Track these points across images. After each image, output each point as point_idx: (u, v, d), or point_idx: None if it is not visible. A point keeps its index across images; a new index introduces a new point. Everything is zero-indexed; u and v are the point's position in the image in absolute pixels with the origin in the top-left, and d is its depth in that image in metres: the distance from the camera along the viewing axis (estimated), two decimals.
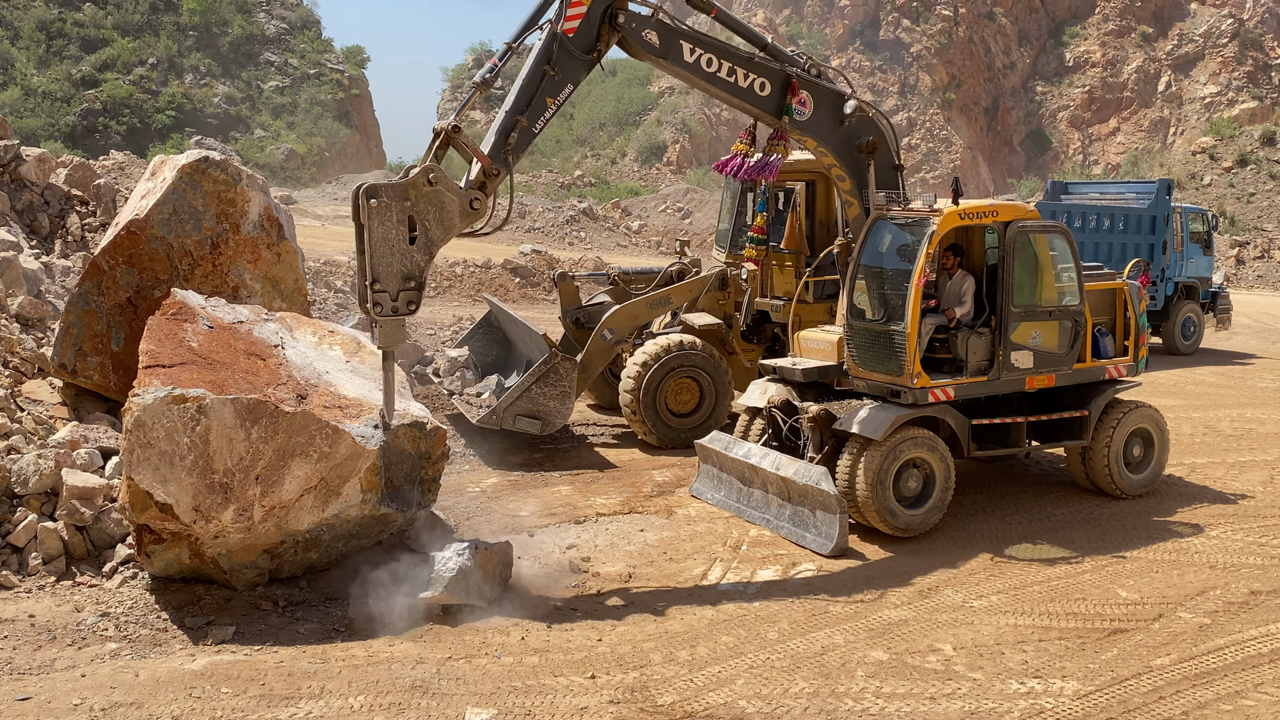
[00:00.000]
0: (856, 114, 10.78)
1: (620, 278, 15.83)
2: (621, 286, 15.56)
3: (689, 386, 14.00)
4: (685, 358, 13.86)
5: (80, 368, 10.82)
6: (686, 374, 13.91)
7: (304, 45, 65.09)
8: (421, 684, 7.36)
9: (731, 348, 14.61)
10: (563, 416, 13.30)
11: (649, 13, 9.89)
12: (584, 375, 14.08)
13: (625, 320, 14.20)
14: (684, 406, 14.02)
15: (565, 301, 15.65)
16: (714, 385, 14.03)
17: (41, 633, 7.90)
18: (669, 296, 14.46)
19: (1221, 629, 8.64)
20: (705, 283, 14.74)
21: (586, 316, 15.34)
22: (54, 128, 51.32)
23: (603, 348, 14.11)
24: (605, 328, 14.04)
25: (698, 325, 14.33)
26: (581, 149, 62.87)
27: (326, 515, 8.72)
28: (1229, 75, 64.78)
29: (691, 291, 14.68)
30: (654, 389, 13.75)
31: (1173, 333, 23.07)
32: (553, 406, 13.10)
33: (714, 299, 14.83)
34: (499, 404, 13.05)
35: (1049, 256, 11.11)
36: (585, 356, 14.07)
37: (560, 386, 13.10)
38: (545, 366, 13.00)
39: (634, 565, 9.86)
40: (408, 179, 8.76)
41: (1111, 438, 11.68)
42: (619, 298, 15.28)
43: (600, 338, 14.03)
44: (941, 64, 68.34)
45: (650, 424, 13.82)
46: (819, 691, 7.47)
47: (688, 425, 13.94)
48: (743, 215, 15.54)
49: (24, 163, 15.81)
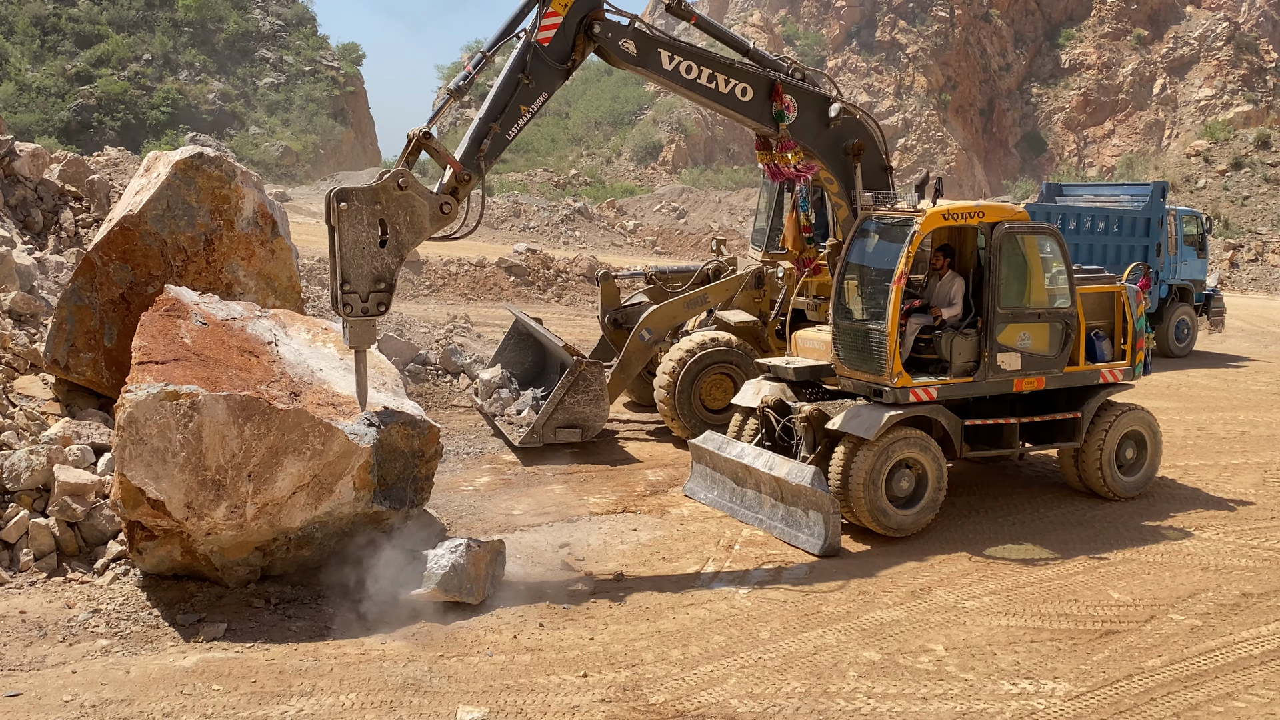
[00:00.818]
0: (842, 116, 10.80)
1: (657, 277, 15.98)
2: (658, 285, 15.72)
3: (723, 383, 14.08)
4: (720, 354, 13.97)
5: (73, 364, 10.80)
6: (721, 370, 14.02)
7: (299, 42, 65.00)
8: (413, 682, 7.36)
9: (766, 345, 14.69)
10: (601, 420, 13.46)
11: (626, 22, 9.91)
12: (623, 375, 14.31)
13: (662, 320, 14.37)
14: (718, 403, 14.08)
15: (606, 302, 15.83)
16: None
17: (32, 629, 7.88)
18: (705, 296, 14.61)
19: (1213, 631, 8.66)
20: (741, 281, 14.87)
21: (624, 317, 15.51)
22: (48, 123, 51.17)
23: (641, 348, 14.28)
24: (643, 328, 14.20)
25: (733, 322, 14.46)
26: (577, 148, 62.81)
27: (319, 513, 8.71)
28: (1224, 78, 64.89)
29: (727, 290, 14.81)
30: (689, 385, 13.86)
31: (1166, 335, 23.10)
32: (588, 412, 13.26)
33: (750, 297, 14.96)
34: (536, 422, 13.19)
35: (1038, 258, 11.11)
36: (624, 357, 14.28)
37: (592, 392, 13.24)
38: (572, 376, 13.11)
39: (627, 564, 9.86)
40: (378, 183, 8.85)
41: (1104, 440, 11.70)
42: (656, 297, 15.44)
43: (638, 338, 14.21)
44: (937, 65, 68.39)
45: (685, 419, 13.89)
46: (811, 691, 7.47)
47: (722, 421, 13.90)
48: (780, 215, 15.60)
49: (18, 158, 15.76)
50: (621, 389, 14.57)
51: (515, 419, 14.17)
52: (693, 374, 13.85)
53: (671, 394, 13.84)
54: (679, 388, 13.82)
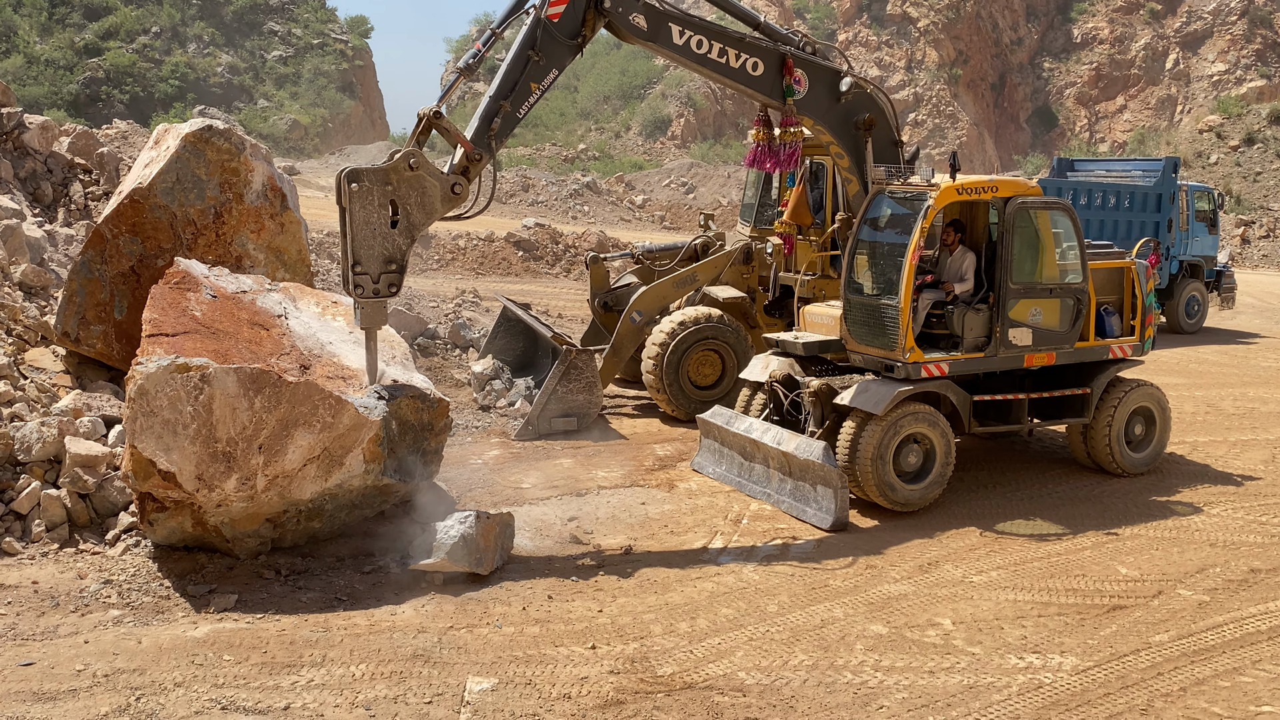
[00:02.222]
0: (853, 91, 10.74)
1: (644, 255, 15.87)
2: (646, 265, 15.62)
3: (711, 359, 14.06)
4: (708, 330, 13.92)
5: (83, 336, 10.83)
6: (709, 347, 13.97)
7: (307, 15, 64.82)
8: (423, 653, 7.40)
9: (754, 321, 14.65)
10: (595, 407, 13.41)
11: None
12: (615, 359, 14.27)
13: (653, 301, 14.32)
14: (706, 379, 14.07)
15: (596, 285, 15.67)
16: (736, 358, 14.04)
17: (45, 599, 7.94)
18: (695, 275, 14.55)
19: (1221, 606, 8.66)
20: (730, 257, 14.79)
21: (614, 300, 15.41)
22: (57, 96, 51.17)
23: (632, 330, 14.23)
24: (634, 310, 14.17)
25: (721, 298, 14.40)
26: (586, 122, 62.62)
27: (329, 485, 8.74)
28: (1237, 53, 64.39)
29: (716, 267, 14.74)
30: (677, 361, 13.81)
31: (1177, 311, 23.05)
32: (582, 400, 13.19)
33: (738, 273, 14.89)
34: (531, 414, 13.11)
35: (1050, 233, 11.07)
36: (615, 340, 14.23)
37: (584, 379, 13.17)
38: (563, 366, 13.05)
39: (635, 538, 9.90)
40: (389, 163, 8.82)
41: (1113, 416, 11.68)
42: (645, 277, 15.37)
43: (629, 320, 14.16)
44: (949, 39, 67.95)
45: (673, 396, 13.88)
46: (818, 664, 7.50)
47: (710, 397, 13.94)
48: (768, 190, 15.56)
49: (27, 130, 15.77)
50: (614, 373, 14.51)
51: (510, 412, 14.08)
52: (680, 350, 13.78)
53: (659, 370, 13.79)
54: (667, 364, 13.76)
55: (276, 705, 6.66)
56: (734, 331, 14.05)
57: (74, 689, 6.72)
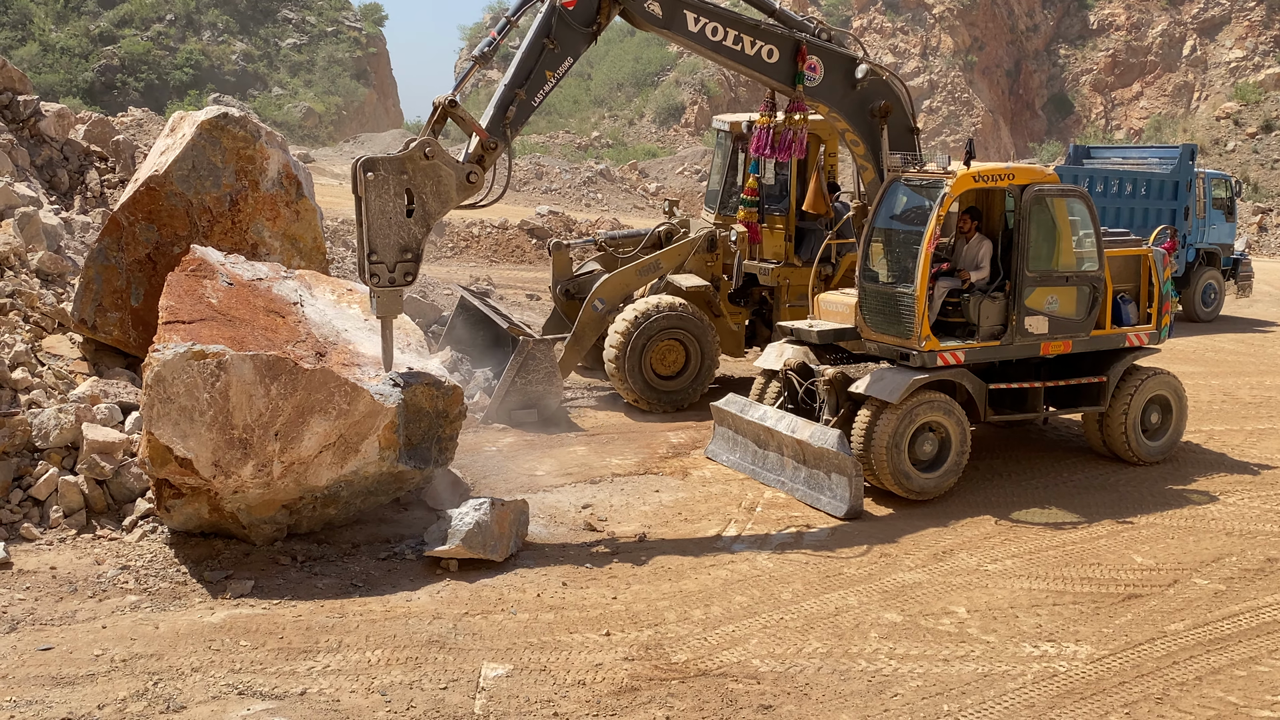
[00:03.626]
0: (869, 78, 10.70)
1: (607, 243, 15.51)
2: (609, 252, 15.27)
3: (675, 348, 13.76)
4: (671, 319, 13.61)
5: (100, 323, 10.87)
6: (672, 336, 13.66)
7: (321, 2, 64.78)
8: (438, 639, 7.43)
9: (718, 310, 14.38)
10: (556, 398, 13.17)
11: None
12: (577, 348, 13.93)
13: (615, 289, 14.00)
14: (669, 369, 13.80)
15: (558, 273, 15.31)
16: (700, 348, 13.80)
17: (63, 585, 7.99)
18: (658, 262, 14.22)
19: (1237, 595, 8.64)
20: (693, 245, 14.47)
21: (577, 287, 15.05)
22: (72, 83, 51.27)
23: (594, 318, 13.89)
24: (595, 298, 13.84)
25: (685, 287, 14.07)
26: (599, 110, 62.47)
27: (345, 472, 8.77)
28: (1255, 40, 63.84)
29: (680, 255, 14.40)
30: (639, 351, 13.51)
31: (1193, 299, 22.91)
32: (541, 390, 12.90)
33: (702, 260, 14.60)
34: (490, 407, 12.87)
35: (1067, 221, 11.02)
36: (577, 328, 13.90)
37: (542, 369, 12.88)
38: (520, 357, 12.75)
39: (649, 525, 9.91)
40: (405, 152, 8.81)
41: (1129, 404, 11.64)
42: (608, 264, 15.02)
43: (591, 308, 13.84)
44: (964, 26, 67.54)
45: (635, 386, 13.62)
46: (832, 652, 7.51)
47: (673, 387, 13.78)
48: (733, 175, 15.24)
49: (43, 118, 15.81)
50: (575, 362, 14.17)
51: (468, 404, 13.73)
52: (643, 339, 13.51)
53: (621, 360, 13.49)
54: (629, 354, 13.48)
55: (293, 690, 6.69)
56: (697, 321, 13.75)
57: (92, 674, 6.77)
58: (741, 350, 14.91)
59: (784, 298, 14.45)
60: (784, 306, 14.40)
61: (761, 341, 14.97)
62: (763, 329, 15.04)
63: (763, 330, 15.04)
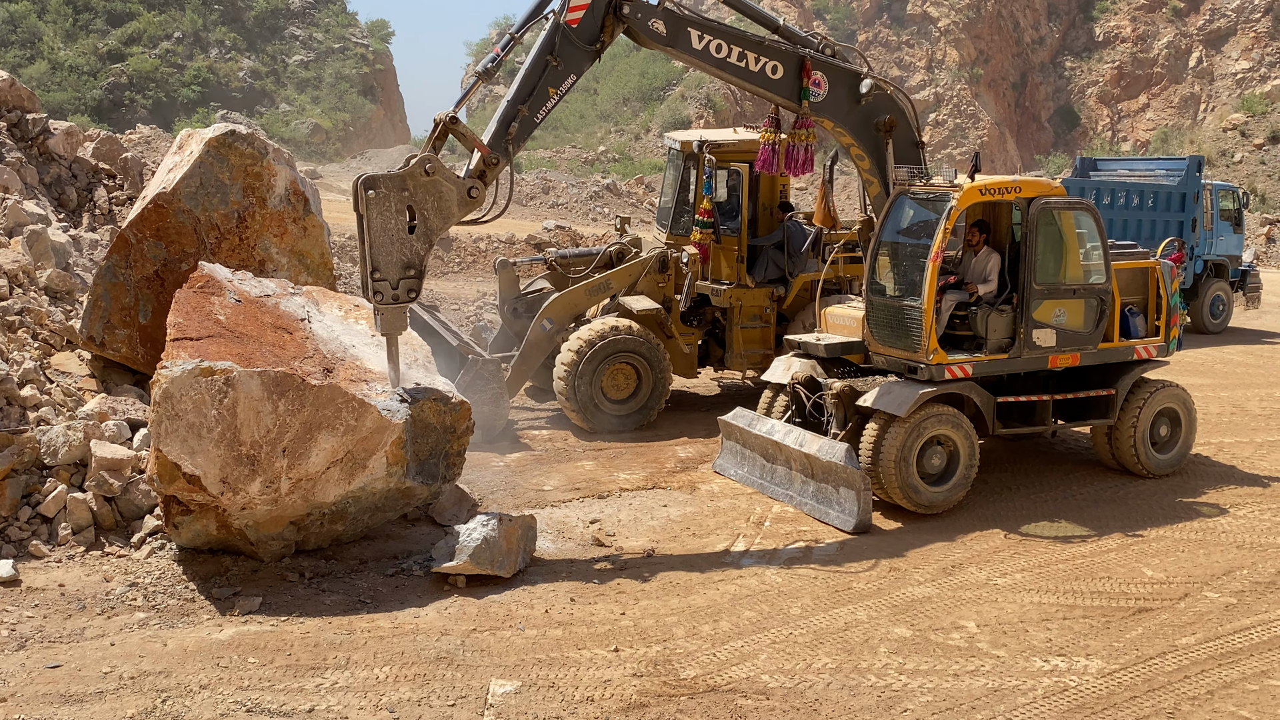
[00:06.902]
0: (874, 92, 10.71)
1: (558, 262, 15.13)
2: (559, 271, 14.95)
3: (626, 372, 13.49)
4: (622, 343, 13.30)
5: (108, 340, 10.90)
6: (624, 359, 13.38)
7: (328, 19, 65.15)
8: (446, 655, 7.41)
9: (670, 332, 14.04)
10: (502, 418, 12.96)
11: (656, 2, 9.83)
12: (524, 367, 13.72)
13: (564, 309, 13.76)
14: (621, 392, 13.52)
15: (505, 291, 15.00)
16: (652, 371, 13.53)
17: (71, 602, 7.99)
18: (609, 282, 13.99)
19: (1248, 609, 8.60)
20: (645, 265, 14.19)
21: (525, 305, 14.78)
22: (80, 101, 51.59)
23: (542, 338, 13.65)
24: (544, 318, 13.61)
25: (636, 310, 13.70)
26: (605, 124, 62.60)
27: (352, 488, 8.77)
28: (1261, 51, 63.84)
29: (631, 275, 14.14)
30: (590, 375, 13.20)
31: (1201, 311, 22.87)
32: (488, 411, 12.52)
33: (653, 281, 14.24)
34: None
35: (1074, 233, 11.01)
36: (525, 348, 13.68)
37: (489, 390, 12.63)
38: (468, 375, 12.51)
39: (657, 540, 9.89)
40: (405, 169, 8.84)
41: (1138, 417, 11.61)
42: (557, 283, 14.74)
43: (539, 328, 13.61)
44: (969, 38, 67.66)
45: (583, 409, 13.28)
46: (841, 667, 7.48)
47: (624, 411, 13.51)
48: (685, 194, 14.85)
49: (52, 136, 15.89)
50: (523, 382, 13.92)
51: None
52: (594, 364, 13.18)
53: (572, 384, 13.16)
54: (579, 378, 13.16)
55: (301, 708, 6.68)
56: (649, 344, 13.43)
57: (100, 691, 6.77)
58: (694, 371, 14.61)
59: (736, 319, 14.28)
60: (736, 328, 14.26)
61: (715, 362, 14.83)
62: (715, 349, 14.80)
63: (715, 350, 14.80)
